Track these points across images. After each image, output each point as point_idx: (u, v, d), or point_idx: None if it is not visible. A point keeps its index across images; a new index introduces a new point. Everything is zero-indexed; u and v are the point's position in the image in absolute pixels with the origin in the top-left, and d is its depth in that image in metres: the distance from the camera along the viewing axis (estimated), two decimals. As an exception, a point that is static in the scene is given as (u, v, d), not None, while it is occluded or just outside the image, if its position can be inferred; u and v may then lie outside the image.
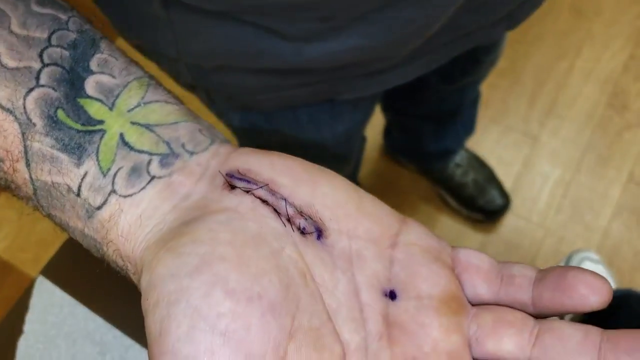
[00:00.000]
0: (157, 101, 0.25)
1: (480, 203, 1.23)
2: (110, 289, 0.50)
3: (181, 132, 0.25)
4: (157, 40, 0.50)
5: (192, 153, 0.25)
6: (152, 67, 0.65)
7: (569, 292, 0.22)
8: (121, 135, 0.24)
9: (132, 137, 0.24)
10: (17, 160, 0.24)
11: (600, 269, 1.10)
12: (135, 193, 0.23)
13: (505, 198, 1.25)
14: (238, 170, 0.24)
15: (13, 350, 0.51)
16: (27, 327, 0.52)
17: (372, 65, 0.52)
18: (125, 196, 0.23)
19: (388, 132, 1.24)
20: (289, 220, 0.23)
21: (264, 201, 0.23)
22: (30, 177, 0.24)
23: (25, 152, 0.24)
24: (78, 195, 0.24)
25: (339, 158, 0.76)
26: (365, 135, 0.85)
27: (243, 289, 0.20)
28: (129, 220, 0.23)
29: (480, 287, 0.24)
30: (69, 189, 0.24)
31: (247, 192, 0.23)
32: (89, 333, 0.50)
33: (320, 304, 0.22)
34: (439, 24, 0.47)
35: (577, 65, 1.40)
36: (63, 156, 0.24)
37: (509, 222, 1.26)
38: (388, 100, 1.03)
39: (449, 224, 1.27)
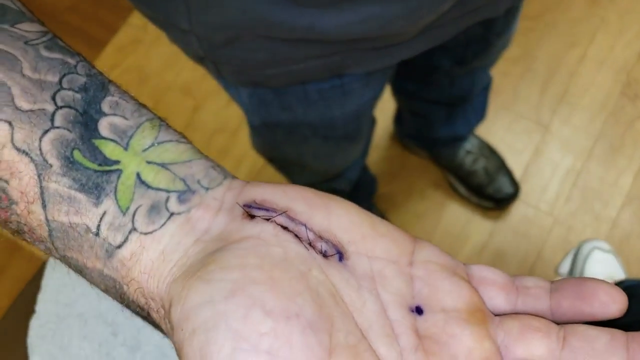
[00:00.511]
0: (170, 141, 0.26)
1: (489, 191, 1.23)
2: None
3: (195, 169, 0.25)
4: (169, 12, 0.50)
5: (207, 188, 0.25)
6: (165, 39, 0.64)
7: (590, 300, 0.23)
8: (138, 175, 0.24)
9: (149, 175, 0.24)
10: (33, 202, 0.24)
11: (610, 259, 1.10)
12: (155, 230, 0.24)
13: (515, 186, 1.24)
14: (255, 201, 0.24)
15: (25, 330, 0.52)
16: (39, 307, 0.52)
17: (383, 40, 0.52)
18: (146, 233, 0.24)
19: (399, 118, 1.23)
20: (310, 244, 0.24)
21: (284, 228, 0.24)
22: (46, 219, 0.24)
23: (42, 193, 0.24)
24: (97, 235, 0.24)
25: (348, 138, 0.76)
26: (375, 117, 0.85)
27: (280, 309, 0.21)
28: (151, 257, 0.23)
29: (498, 298, 0.24)
30: (88, 229, 0.24)
31: (267, 219, 0.24)
32: (101, 313, 0.51)
33: (353, 322, 0.22)
34: (452, 1, 0.48)
35: (590, 54, 1.38)
36: (81, 196, 0.24)
37: (518, 210, 1.26)
38: (400, 84, 1.03)
39: (458, 211, 1.27)
